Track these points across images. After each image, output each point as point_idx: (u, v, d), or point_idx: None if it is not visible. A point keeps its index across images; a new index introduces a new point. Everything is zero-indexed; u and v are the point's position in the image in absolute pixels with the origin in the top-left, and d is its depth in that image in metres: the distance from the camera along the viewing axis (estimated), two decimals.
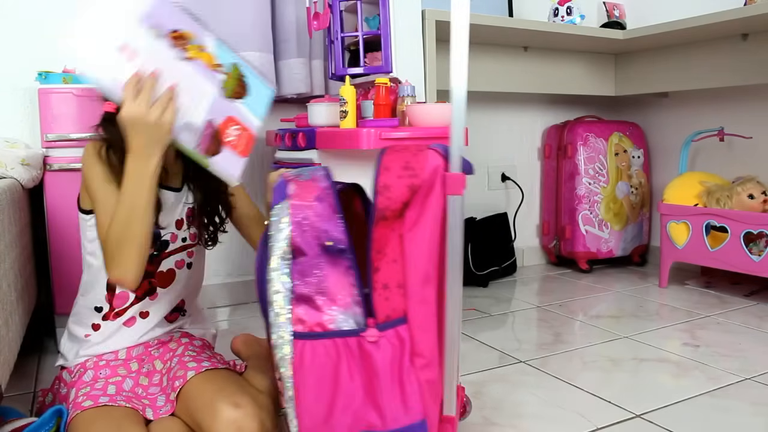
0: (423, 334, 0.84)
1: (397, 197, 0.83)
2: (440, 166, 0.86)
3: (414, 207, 0.84)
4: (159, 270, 1.12)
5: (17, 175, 1.40)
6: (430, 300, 0.85)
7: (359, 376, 0.83)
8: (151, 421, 0.99)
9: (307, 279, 0.84)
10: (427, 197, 0.84)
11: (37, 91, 1.61)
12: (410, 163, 0.84)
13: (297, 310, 0.84)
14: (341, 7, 1.69)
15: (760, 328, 1.81)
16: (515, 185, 2.67)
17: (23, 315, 1.30)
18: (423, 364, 0.84)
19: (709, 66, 2.30)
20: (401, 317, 0.84)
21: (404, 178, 0.84)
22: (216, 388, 0.99)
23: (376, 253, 0.84)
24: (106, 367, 1.08)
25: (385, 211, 0.83)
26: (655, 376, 1.46)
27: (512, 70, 2.42)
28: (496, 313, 2.02)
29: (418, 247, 0.84)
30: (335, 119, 1.61)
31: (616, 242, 2.62)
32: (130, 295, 1.10)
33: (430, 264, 0.85)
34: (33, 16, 1.78)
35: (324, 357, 0.83)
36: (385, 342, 0.83)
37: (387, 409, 0.81)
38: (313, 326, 0.83)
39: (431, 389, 0.85)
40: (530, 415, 1.25)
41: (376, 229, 0.84)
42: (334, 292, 0.84)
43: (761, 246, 2.01)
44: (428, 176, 0.84)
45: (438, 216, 0.86)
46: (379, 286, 0.84)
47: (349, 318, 0.84)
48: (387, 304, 0.84)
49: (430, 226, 0.84)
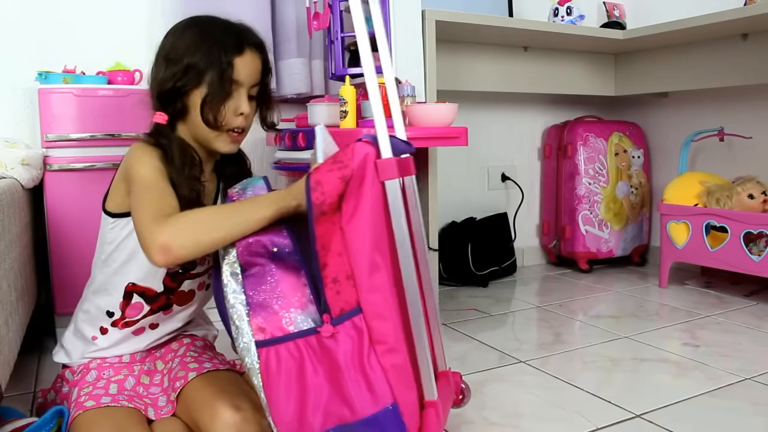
0: (381, 322, 0.84)
1: (330, 190, 0.84)
2: (370, 154, 0.85)
3: (349, 198, 0.85)
4: (180, 289, 1.10)
5: (17, 175, 1.40)
6: (381, 287, 0.85)
7: (323, 373, 0.84)
8: (152, 420, 0.99)
9: (260, 288, 0.86)
10: (361, 186, 0.85)
11: (37, 91, 1.61)
12: (339, 157, 0.85)
13: (255, 320, 0.85)
14: (341, 7, 1.69)
15: (760, 328, 1.81)
16: (515, 185, 2.67)
17: (23, 315, 1.30)
18: (386, 350, 0.84)
19: (709, 66, 2.30)
20: (355, 308, 0.84)
21: (334, 171, 0.84)
22: (216, 389, 0.99)
23: (321, 249, 0.85)
24: (110, 368, 1.08)
25: (321, 206, 0.84)
26: (655, 376, 1.46)
27: (512, 70, 2.42)
28: (496, 313, 2.02)
29: (360, 237, 0.84)
30: (335, 119, 1.61)
31: (616, 242, 2.62)
32: (144, 306, 1.08)
33: (375, 252, 0.85)
34: (33, 16, 1.78)
35: (288, 360, 0.84)
36: (343, 335, 0.84)
37: (354, 400, 0.82)
38: (273, 332, 0.85)
39: (399, 374, 0.85)
40: (530, 415, 1.25)
41: (317, 226, 0.84)
42: (288, 294, 0.86)
43: (761, 246, 2.01)
44: (357, 165, 0.84)
45: (377, 204, 0.86)
46: (329, 281, 0.85)
47: (308, 317, 0.85)
48: (339, 297, 0.85)
49: (369, 215, 0.85)
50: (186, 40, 1.01)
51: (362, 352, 0.84)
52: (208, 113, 1.00)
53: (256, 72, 1.05)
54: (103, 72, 1.73)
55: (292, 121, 1.82)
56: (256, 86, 1.07)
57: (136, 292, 1.07)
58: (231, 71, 1.00)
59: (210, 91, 0.99)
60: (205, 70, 0.99)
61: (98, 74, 1.72)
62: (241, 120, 1.04)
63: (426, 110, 1.56)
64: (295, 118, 1.81)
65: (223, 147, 1.06)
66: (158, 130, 1.03)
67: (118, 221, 1.05)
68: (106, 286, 1.08)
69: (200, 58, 0.99)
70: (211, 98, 1.00)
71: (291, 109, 2.10)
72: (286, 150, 1.72)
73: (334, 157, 0.86)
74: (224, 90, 1.00)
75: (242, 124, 1.05)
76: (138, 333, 1.11)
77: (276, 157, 1.80)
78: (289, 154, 1.70)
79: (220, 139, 1.05)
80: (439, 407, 0.89)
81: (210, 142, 1.05)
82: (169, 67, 1.01)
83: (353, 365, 0.83)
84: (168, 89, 1.00)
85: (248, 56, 1.03)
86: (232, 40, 1.02)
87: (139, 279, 1.06)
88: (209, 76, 0.99)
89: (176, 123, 1.05)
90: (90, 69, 1.74)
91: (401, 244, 0.88)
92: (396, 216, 0.87)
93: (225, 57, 1.00)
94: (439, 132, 1.54)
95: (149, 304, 1.08)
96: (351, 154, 0.85)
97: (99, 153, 1.63)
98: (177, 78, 1.00)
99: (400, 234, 0.88)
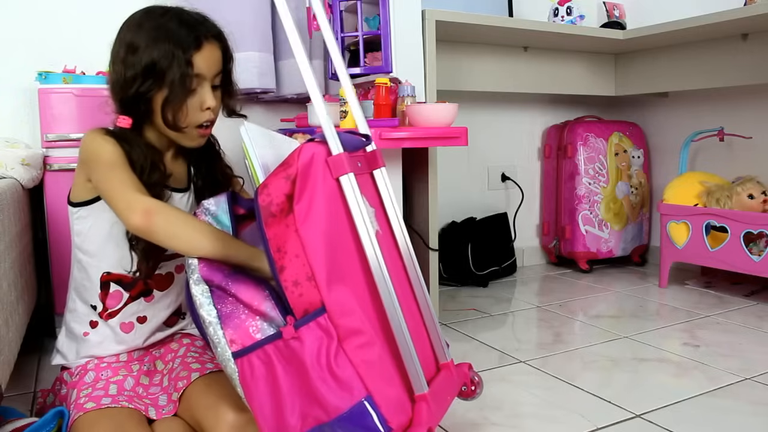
0: (347, 318, 0.84)
1: (275, 191, 0.84)
2: (318, 153, 0.86)
3: (302, 199, 0.85)
4: (157, 272, 1.10)
5: (17, 175, 1.40)
6: (342, 285, 0.85)
7: (294, 375, 0.84)
8: (153, 420, 0.99)
9: (226, 300, 0.88)
10: (312, 186, 0.85)
11: (37, 91, 1.61)
12: (286, 160, 0.86)
13: (227, 332, 0.86)
14: (341, 7, 1.69)
15: (760, 328, 1.81)
16: (515, 185, 2.67)
17: (23, 315, 1.30)
18: (357, 345, 0.84)
19: (709, 66, 2.30)
20: (319, 308, 0.84)
21: (280, 173, 0.85)
22: (220, 390, 0.98)
23: (276, 252, 0.85)
24: (107, 368, 1.08)
25: (269, 208, 0.84)
26: (655, 376, 1.46)
27: (512, 70, 2.42)
28: (496, 313, 2.02)
29: (315, 237, 0.84)
30: (335, 119, 1.61)
31: (616, 242, 2.62)
32: (123, 294, 1.08)
33: (334, 250, 0.85)
34: (33, 17, 1.78)
35: (260, 367, 0.85)
36: (308, 335, 0.84)
37: (326, 399, 0.82)
38: (244, 341, 0.86)
39: (375, 368, 0.85)
40: (530, 415, 1.25)
41: (268, 229, 0.85)
42: (250, 303, 0.87)
43: (761, 246, 2.01)
44: (303, 164, 0.84)
45: (333, 201, 0.86)
46: (290, 284, 0.85)
47: (272, 322, 0.86)
48: (302, 299, 0.85)
49: (324, 214, 0.85)
50: (143, 37, 0.99)
51: (329, 351, 0.83)
52: (169, 114, 1.00)
53: (217, 62, 1.05)
54: (103, 72, 1.73)
55: (292, 121, 1.82)
56: (219, 74, 1.06)
57: (112, 281, 1.07)
58: (191, 69, 0.99)
59: (170, 92, 0.99)
60: (166, 72, 0.98)
61: (98, 74, 1.72)
62: (208, 114, 1.04)
63: (426, 110, 1.56)
64: (295, 118, 1.81)
65: (191, 143, 1.06)
66: (122, 135, 1.02)
67: (80, 210, 1.05)
68: (84, 281, 1.09)
69: (159, 58, 0.98)
70: (171, 99, 0.99)
71: (291, 109, 2.10)
72: None
73: (283, 162, 0.86)
74: (185, 89, 1.00)
75: (210, 118, 1.05)
76: (128, 330, 1.10)
77: None
78: None
79: (188, 136, 1.05)
80: (429, 400, 0.89)
81: (178, 139, 1.06)
82: (128, 69, 0.99)
83: (319, 365, 0.83)
84: (131, 95, 1.00)
85: (207, 49, 1.02)
86: (189, 35, 1.00)
87: (111, 266, 1.07)
88: (169, 77, 0.98)
89: (142, 125, 1.05)
90: (90, 69, 1.74)
91: (365, 239, 0.88)
92: (354, 211, 0.87)
93: (184, 55, 0.98)
94: (439, 132, 1.54)
95: (127, 291, 1.08)
96: (297, 154, 0.85)
97: None
98: (139, 84, 0.98)
99: (362, 229, 0.88)
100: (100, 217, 1.05)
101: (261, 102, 2.10)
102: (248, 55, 1.84)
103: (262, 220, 0.85)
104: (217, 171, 1.16)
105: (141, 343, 1.11)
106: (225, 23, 1.12)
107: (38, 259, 1.64)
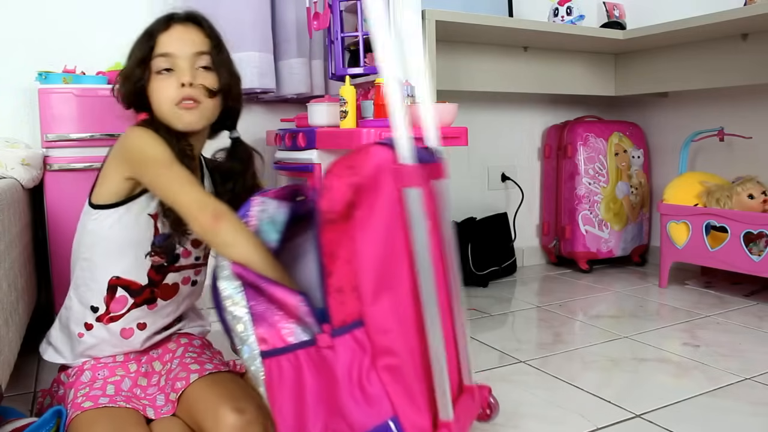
0: (384, 336, 0.81)
1: (337, 198, 0.81)
2: (386, 160, 0.81)
3: (363, 206, 0.81)
4: (164, 282, 1.10)
5: (17, 175, 1.40)
6: (386, 301, 0.82)
7: (322, 385, 0.82)
8: (151, 420, 0.99)
9: (258, 298, 0.85)
10: (376, 194, 0.80)
11: (37, 91, 1.61)
12: (353, 162, 0.81)
13: (258, 330, 0.84)
14: (341, 7, 1.69)
15: (760, 328, 1.81)
16: (515, 185, 2.67)
17: (23, 315, 1.30)
18: (389, 365, 0.81)
19: (709, 66, 2.30)
20: (357, 320, 0.82)
21: (344, 177, 0.80)
22: (219, 392, 0.98)
23: (327, 257, 0.82)
24: (104, 368, 1.08)
25: (328, 214, 0.81)
26: (655, 376, 1.46)
27: (512, 70, 2.42)
28: (496, 313, 2.02)
29: (369, 248, 0.81)
30: (335, 119, 1.61)
31: (616, 242, 2.62)
32: (128, 300, 1.07)
33: (386, 263, 0.82)
34: (33, 16, 1.78)
35: (289, 371, 0.83)
36: (342, 347, 0.81)
37: (352, 414, 0.80)
38: (275, 342, 0.84)
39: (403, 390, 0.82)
40: (530, 415, 1.25)
41: (324, 233, 0.82)
42: (285, 305, 0.84)
43: (761, 246, 2.01)
44: (370, 172, 0.80)
45: (393, 212, 0.82)
46: (333, 290, 0.82)
47: (307, 328, 0.84)
48: (342, 308, 0.82)
49: (382, 224, 0.81)
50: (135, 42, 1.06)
51: (361, 367, 0.81)
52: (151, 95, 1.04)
53: (193, 42, 1.04)
54: (103, 72, 1.73)
55: (293, 121, 1.82)
56: (204, 55, 1.05)
57: (120, 286, 1.06)
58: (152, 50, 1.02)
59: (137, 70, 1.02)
60: (141, 58, 1.03)
61: (98, 74, 1.72)
62: (186, 91, 1.02)
63: None
64: (295, 118, 1.81)
65: (178, 123, 1.04)
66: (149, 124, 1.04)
67: (100, 212, 1.04)
68: (88, 281, 1.07)
69: (136, 49, 1.04)
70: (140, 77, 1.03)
71: (291, 109, 2.10)
72: (286, 150, 1.72)
73: (349, 160, 0.81)
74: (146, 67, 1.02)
75: (187, 94, 1.02)
76: (127, 336, 1.09)
77: (276, 157, 1.80)
78: (289, 154, 1.71)
79: (173, 116, 1.04)
80: (452, 428, 0.86)
81: (170, 123, 1.04)
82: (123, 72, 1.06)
83: (350, 378, 0.81)
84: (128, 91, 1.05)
85: (178, 29, 1.04)
86: (160, 20, 1.05)
87: (123, 272, 1.06)
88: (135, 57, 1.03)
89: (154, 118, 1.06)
90: (90, 69, 1.75)
91: (420, 256, 0.83)
92: (416, 226, 0.82)
93: (151, 38, 1.03)
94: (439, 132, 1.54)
95: (133, 298, 1.07)
96: (364, 158, 0.80)
97: (99, 153, 1.63)
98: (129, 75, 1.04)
99: (420, 245, 0.83)
100: (122, 220, 1.04)
101: (261, 102, 2.10)
102: (248, 55, 1.84)
103: (319, 225, 0.82)
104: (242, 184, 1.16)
105: (138, 347, 1.11)
106: (225, 23, 1.12)
107: (38, 259, 1.64)
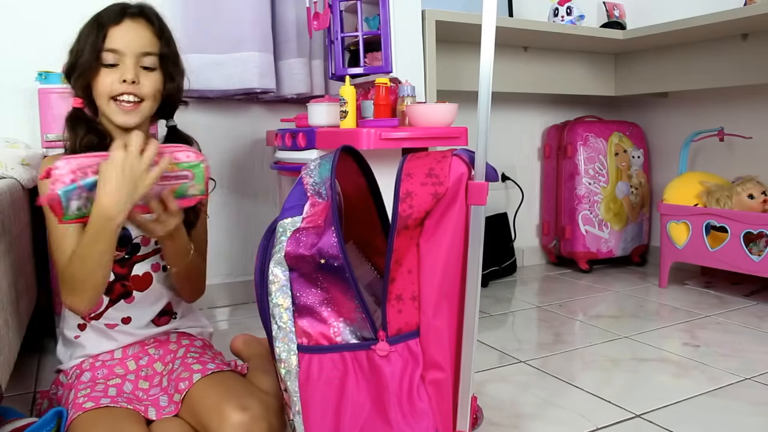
0: (438, 349, 0.81)
1: (420, 206, 0.79)
2: (464, 174, 0.81)
3: (433, 216, 0.80)
4: (133, 274, 1.10)
5: (17, 175, 1.40)
6: (444, 314, 0.81)
7: (368, 390, 0.80)
8: (152, 421, 0.99)
9: (309, 291, 0.82)
10: (449, 207, 0.80)
11: (37, 91, 1.61)
12: (434, 170, 0.80)
13: (300, 323, 0.81)
14: (341, 7, 1.69)
15: (760, 328, 1.81)
16: (515, 185, 2.67)
17: (23, 315, 1.29)
18: (436, 379, 0.81)
19: (709, 66, 2.30)
20: (413, 330, 0.81)
21: (428, 186, 0.80)
22: (222, 391, 0.98)
23: (394, 263, 0.80)
24: (102, 367, 1.08)
25: (407, 220, 0.79)
26: (655, 376, 1.46)
27: (512, 70, 2.42)
28: (496, 313, 2.02)
29: (435, 259, 0.80)
30: (335, 119, 1.61)
31: (616, 242, 2.62)
32: (104, 298, 1.08)
33: (446, 277, 0.81)
34: (33, 16, 1.78)
35: (331, 371, 0.81)
36: (396, 356, 0.80)
37: (397, 425, 0.78)
38: (318, 339, 0.81)
39: (443, 404, 0.82)
40: (530, 415, 1.25)
41: (397, 238, 0.79)
42: (338, 304, 0.82)
43: (761, 246, 2.01)
44: (453, 184, 0.80)
45: (459, 226, 0.81)
46: (393, 297, 0.81)
47: (357, 331, 0.82)
48: (400, 316, 0.81)
49: (449, 237, 0.80)
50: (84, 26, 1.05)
51: (413, 378, 0.80)
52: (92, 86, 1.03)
53: (141, 40, 1.03)
54: None
55: (292, 121, 1.82)
56: (150, 55, 1.04)
57: None
58: (102, 41, 1.01)
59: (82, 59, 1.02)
60: (86, 45, 1.02)
61: None
62: (124, 87, 1.02)
63: (426, 110, 1.56)
64: (295, 118, 1.81)
65: (116, 118, 1.04)
66: (74, 115, 1.06)
67: None
68: None
69: (85, 35, 1.03)
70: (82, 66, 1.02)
71: (291, 109, 2.10)
72: (285, 150, 1.72)
73: (427, 166, 0.81)
74: (93, 58, 1.01)
75: (125, 90, 1.02)
76: (111, 327, 1.11)
77: (276, 157, 1.80)
78: (289, 154, 1.70)
79: (110, 110, 1.04)
80: None
81: (109, 116, 1.04)
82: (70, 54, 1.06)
83: (401, 389, 0.79)
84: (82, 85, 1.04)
85: (128, 25, 1.03)
86: (112, 12, 1.03)
87: None
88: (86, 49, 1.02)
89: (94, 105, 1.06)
90: None
91: (472, 271, 0.83)
92: (475, 242, 0.82)
93: (101, 30, 1.01)
94: (439, 132, 1.54)
95: (107, 295, 1.09)
96: (447, 169, 0.80)
97: None
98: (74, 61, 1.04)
99: (474, 260, 0.83)
100: None
101: (261, 102, 2.10)
102: (248, 55, 1.84)
103: (395, 229, 0.79)
104: None
105: (132, 339, 1.12)
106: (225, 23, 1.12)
107: (38, 259, 1.64)
